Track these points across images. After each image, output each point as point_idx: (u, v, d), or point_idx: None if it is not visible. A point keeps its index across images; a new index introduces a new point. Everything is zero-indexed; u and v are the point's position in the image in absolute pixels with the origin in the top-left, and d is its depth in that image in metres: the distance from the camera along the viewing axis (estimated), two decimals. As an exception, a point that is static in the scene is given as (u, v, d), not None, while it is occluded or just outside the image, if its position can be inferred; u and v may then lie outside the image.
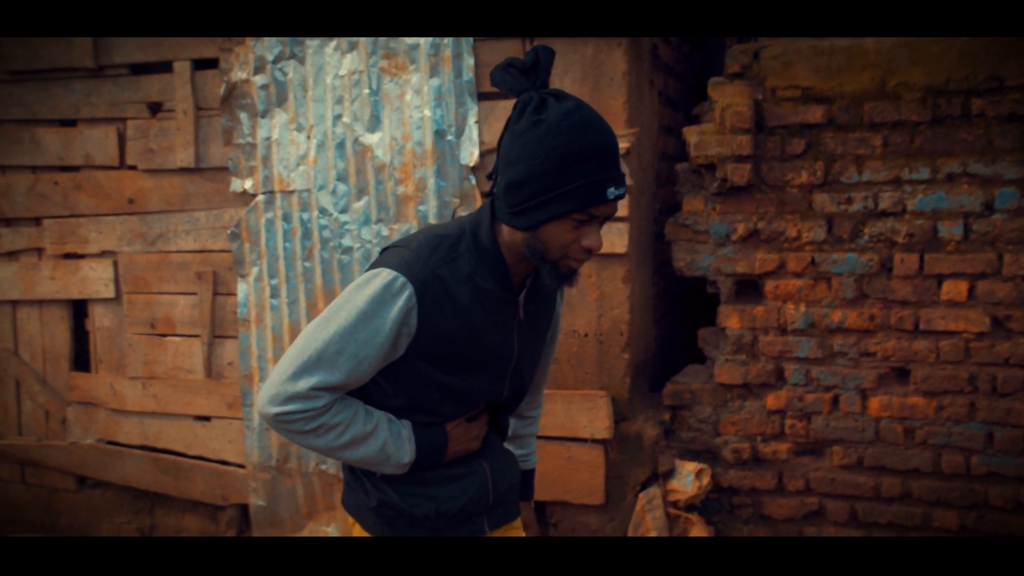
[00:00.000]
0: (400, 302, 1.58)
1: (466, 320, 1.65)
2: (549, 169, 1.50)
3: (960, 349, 3.05)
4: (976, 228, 3.00)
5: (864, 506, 3.21)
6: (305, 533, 3.88)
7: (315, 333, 1.58)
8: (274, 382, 1.58)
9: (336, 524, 3.84)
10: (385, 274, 1.59)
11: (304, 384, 1.56)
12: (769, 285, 3.23)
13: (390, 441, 1.67)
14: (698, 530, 3.26)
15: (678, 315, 4.26)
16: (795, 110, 3.15)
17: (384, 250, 1.71)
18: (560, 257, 1.58)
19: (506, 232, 1.63)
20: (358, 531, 1.86)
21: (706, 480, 3.29)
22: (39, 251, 4.13)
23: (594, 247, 1.57)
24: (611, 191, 1.52)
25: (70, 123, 4.00)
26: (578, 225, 1.55)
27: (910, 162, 3.05)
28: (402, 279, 1.58)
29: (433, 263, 1.61)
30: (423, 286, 1.59)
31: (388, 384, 1.71)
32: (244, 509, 4.02)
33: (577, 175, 1.50)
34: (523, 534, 1.97)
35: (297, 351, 1.58)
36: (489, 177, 1.65)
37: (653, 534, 3.29)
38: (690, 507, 3.33)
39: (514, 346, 1.75)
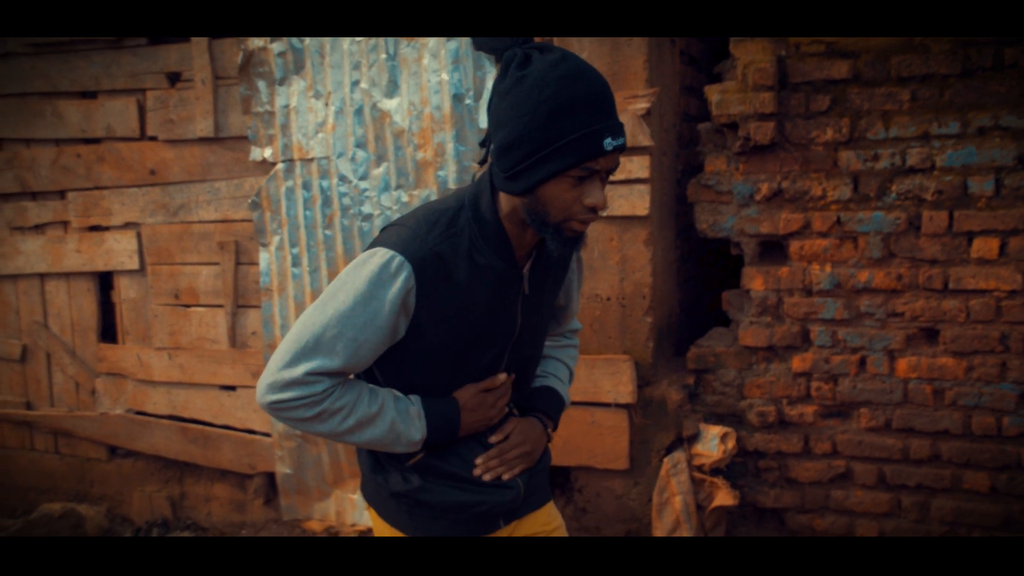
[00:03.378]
0: (398, 283, 1.52)
1: (465, 298, 1.58)
2: (539, 124, 1.42)
3: (991, 308, 2.98)
4: (1008, 183, 2.92)
5: (892, 468, 3.16)
6: (331, 501, 3.91)
7: (312, 317, 1.53)
8: (270, 370, 1.53)
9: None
10: (382, 254, 1.53)
11: (301, 370, 1.50)
12: (794, 246, 3.17)
13: (399, 420, 1.62)
14: (723, 494, 3.24)
15: (702, 278, 4.21)
16: (819, 65, 3.07)
17: (383, 229, 1.65)
18: (563, 220, 1.50)
19: (505, 200, 1.56)
20: (375, 518, 1.82)
21: (731, 444, 3.26)
22: (65, 224, 4.17)
23: (598, 204, 1.48)
24: (608, 141, 1.44)
25: (91, 95, 4.01)
26: (578, 183, 1.47)
27: (939, 116, 2.97)
28: (399, 258, 1.52)
29: (432, 240, 1.55)
30: (421, 264, 1.53)
31: (382, 368, 1.67)
32: (271, 477, 4.06)
33: (569, 128, 1.42)
34: (549, 520, 1.89)
35: (294, 337, 1.53)
36: (482, 144, 1.58)
37: (678, 499, 3.28)
38: (715, 471, 3.31)
39: (516, 321, 1.68)
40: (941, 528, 3.12)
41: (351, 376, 1.67)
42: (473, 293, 1.59)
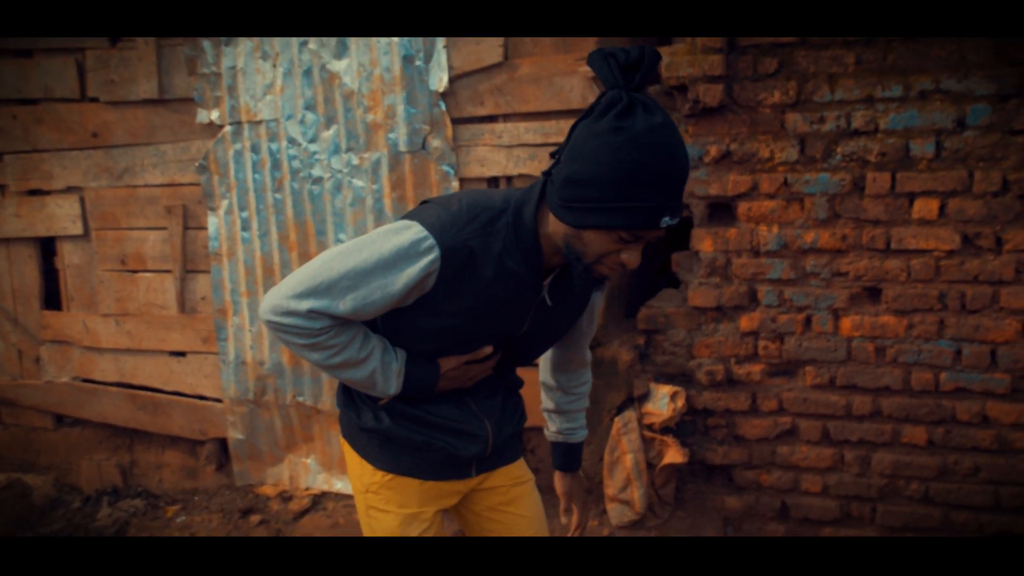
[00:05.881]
0: (423, 263, 1.55)
1: (484, 296, 1.63)
2: (614, 180, 1.43)
3: (930, 267, 3.07)
4: (947, 146, 3.00)
5: (836, 424, 3.26)
6: (284, 465, 3.91)
7: (333, 262, 1.56)
8: (281, 293, 1.57)
9: (315, 456, 3.87)
10: (417, 230, 1.56)
11: (306, 305, 1.55)
12: (742, 207, 3.22)
13: (379, 371, 1.68)
14: (673, 452, 3.31)
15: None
16: (768, 28, 3.10)
17: (426, 202, 1.68)
18: (594, 262, 1.56)
19: (551, 219, 1.59)
20: (347, 450, 1.89)
21: (681, 402, 3.33)
22: (2, 188, 4.05)
23: (631, 265, 1.54)
24: (665, 220, 1.47)
25: (26, 54, 3.88)
26: (621, 240, 1.51)
27: (883, 80, 3.03)
28: (431, 241, 1.55)
29: (467, 233, 1.58)
30: (450, 253, 1.56)
31: (385, 320, 1.71)
32: (223, 443, 4.04)
33: (639, 196, 1.44)
34: (522, 475, 1.99)
35: (312, 271, 1.56)
36: (552, 155, 1.58)
37: (629, 457, 3.34)
38: (665, 429, 3.37)
39: (524, 325, 1.75)
40: (881, 480, 3.23)
41: None
42: (493, 292, 1.63)
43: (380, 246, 1.56)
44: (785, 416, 3.31)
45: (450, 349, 1.73)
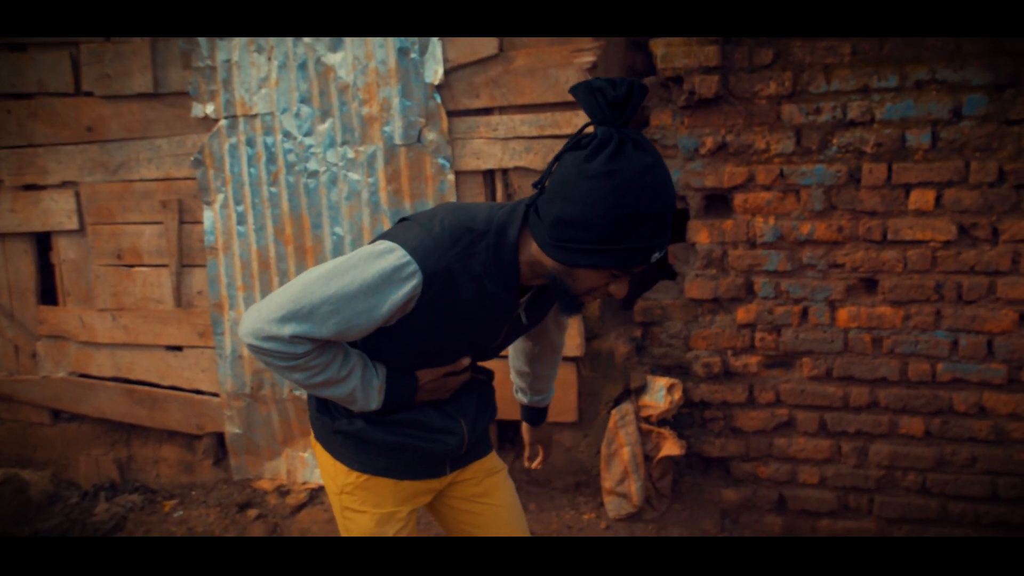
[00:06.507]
0: (406, 289, 1.55)
1: (462, 314, 1.65)
2: (607, 224, 1.43)
3: (927, 258, 3.07)
4: (944, 136, 2.99)
5: (833, 416, 3.25)
6: (282, 459, 3.90)
7: (315, 286, 1.55)
8: (262, 316, 1.55)
9: (312, 450, 3.87)
10: (399, 255, 1.55)
11: (288, 330, 1.54)
12: (738, 199, 3.22)
13: (359, 388, 1.70)
14: (670, 444, 3.31)
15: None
16: (763, 19, 3.09)
17: (404, 220, 1.68)
18: (583, 295, 1.59)
19: (534, 247, 1.59)
20: (321, 453, 1.89)
21: (678, 395, 3.32)
22: (-3, 183, 4.04)
23: (619, 296, 1.57)
24: (655, 256, 1.50)
25: (20, 48, 3.87)
26: (611, 276, 1.54)
27: (879, 70, 3.02)
28: (414, 266, 1.55)
29: (449, 257, 1.57)
30: (432, 278, 1.57)
31: (360, 339, 1.72)
32: (220, 437, 4.03)
33: (631, 239, 1.45)
34: (493, 466, 2.02)
35: (293, 296, 1.55)
36: (535, 185, 1.57)
37: (626, 450, 3.33)
38: (662, 422, 3.37)
39: (500, 337, 1.78)
40: (878, 472, 3.23)
41: None
42: (471, 311, 1.65)
43: (363, 271, 1.55)
44: (782, 408, 3.31)
45: (428, 362, 1.76)
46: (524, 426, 2.25)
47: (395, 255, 1.55)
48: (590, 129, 1.50)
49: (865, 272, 3.13)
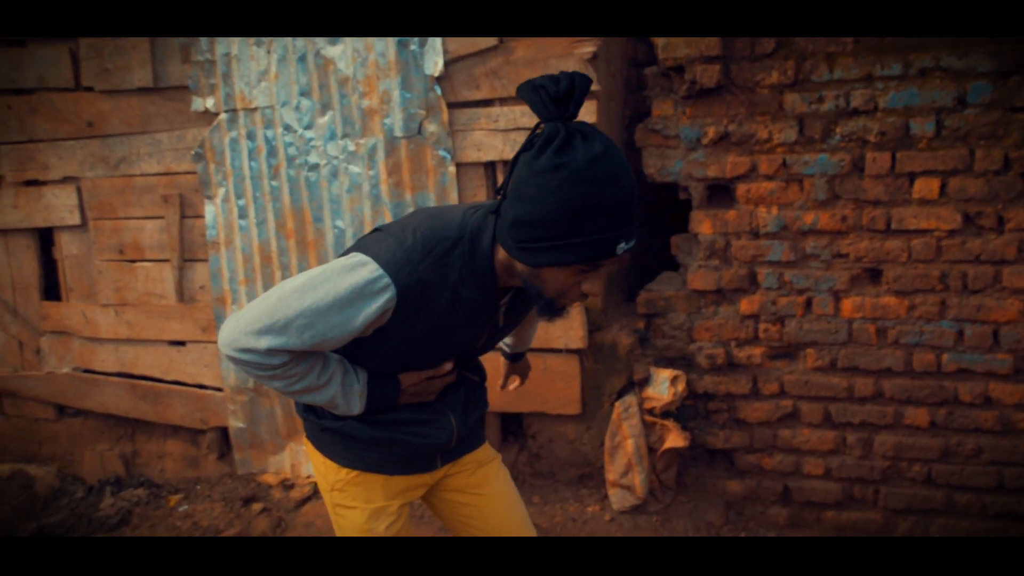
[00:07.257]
0: (379, 303, 1.55)
1: (440, 322, 1.64)
2: (563, 218, 1.42)
3: (932, 247, 3.04)
4: (948, 124, 2.96)
5: (837, 407, 3.23)
6: (286, 454, 3.91)
7: (290, 299, 1.54)
8: (238, 328, 1.56)
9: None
10: (371, 268, 1.55)
11: (264, 343, 1.54)
12: (741, 189, 3.19)
13: (340, 395, 1.71)
14: (674, 436, 3.29)
15: (651, 223, 4.22)
16: (765, 7, 3.06)
17: (377, 230, 1.67)
18: (556, 296, 1.55)
19: (504, 252, 1.58)
20: (312, 452, 1.90)
21: (681, 387, 3.31)
22: (-1, 179, 4.04)
23: (594, 293, 1.54)
24: (621, 246, 1.46)
25: (19, 43, 3.86)
26: (581, 272, 1.50)
27: (882, 58, 2.99)
28: (386, 280, 1.54)
29: (422, 268, 1.57)
30: (405, 291, 1.56)
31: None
32: (224, 432, 4.04)
33: (590, 230, 1.42)
34: (486, 456, 2.01)
35: (269, 308, 1.55)
36: (497, 192, 1.56)
37: (630, 442, 3.32)
38: (666, 414, 3.36)
39: (481, 340, 1.78)
40: (883, 463, 3.21)
41: None
42: (447, 319, 1.64)
43: (335, 284, 1.54)
44: (786, 399, 3.29)
45: (410, 367, 1.76)
46: (502, 360, 2.28)
47: (367, 268, 1.55)
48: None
49: (869, 262, 3.11)
